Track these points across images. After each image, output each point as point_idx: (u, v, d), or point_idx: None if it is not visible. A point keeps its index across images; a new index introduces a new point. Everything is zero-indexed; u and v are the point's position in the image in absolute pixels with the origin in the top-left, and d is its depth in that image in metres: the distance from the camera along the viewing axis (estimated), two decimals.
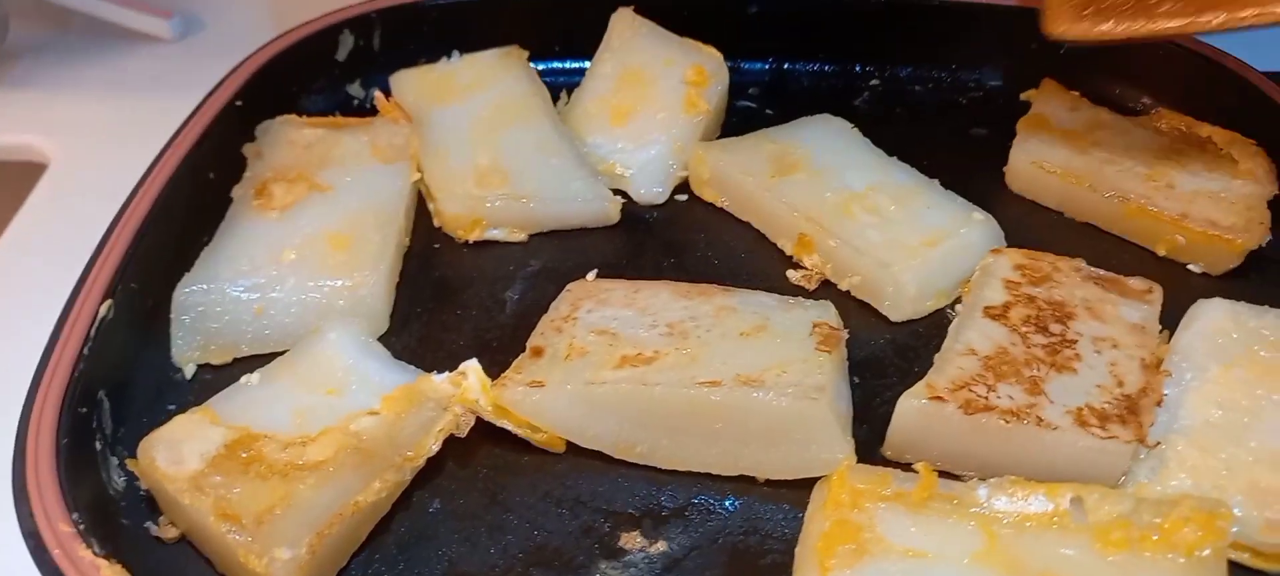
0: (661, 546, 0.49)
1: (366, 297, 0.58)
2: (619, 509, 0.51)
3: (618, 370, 0.51)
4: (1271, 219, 0.63)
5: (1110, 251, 0.65)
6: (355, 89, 0.75)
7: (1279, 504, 0.49)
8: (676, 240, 0.66)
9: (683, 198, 0.70)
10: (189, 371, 0.57)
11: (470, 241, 0.66)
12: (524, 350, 0.55)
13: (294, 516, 0.45)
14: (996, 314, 0.57)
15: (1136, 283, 0.60)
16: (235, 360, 0.57)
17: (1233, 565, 0.47)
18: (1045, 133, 0.69)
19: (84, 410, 0.48)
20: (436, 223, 0.67)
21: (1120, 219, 0.66)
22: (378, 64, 0.75)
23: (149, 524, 0.49)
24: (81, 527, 0.42)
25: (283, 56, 0.71)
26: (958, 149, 0.73)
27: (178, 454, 0.47)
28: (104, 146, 0.97)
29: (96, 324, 0.51)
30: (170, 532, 0.48)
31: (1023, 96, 0.74)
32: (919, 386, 0.52)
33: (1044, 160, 0.68)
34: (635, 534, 0.50)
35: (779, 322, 0.54)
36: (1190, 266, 0.64)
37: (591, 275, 0.60)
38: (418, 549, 0.49)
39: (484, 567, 0.48)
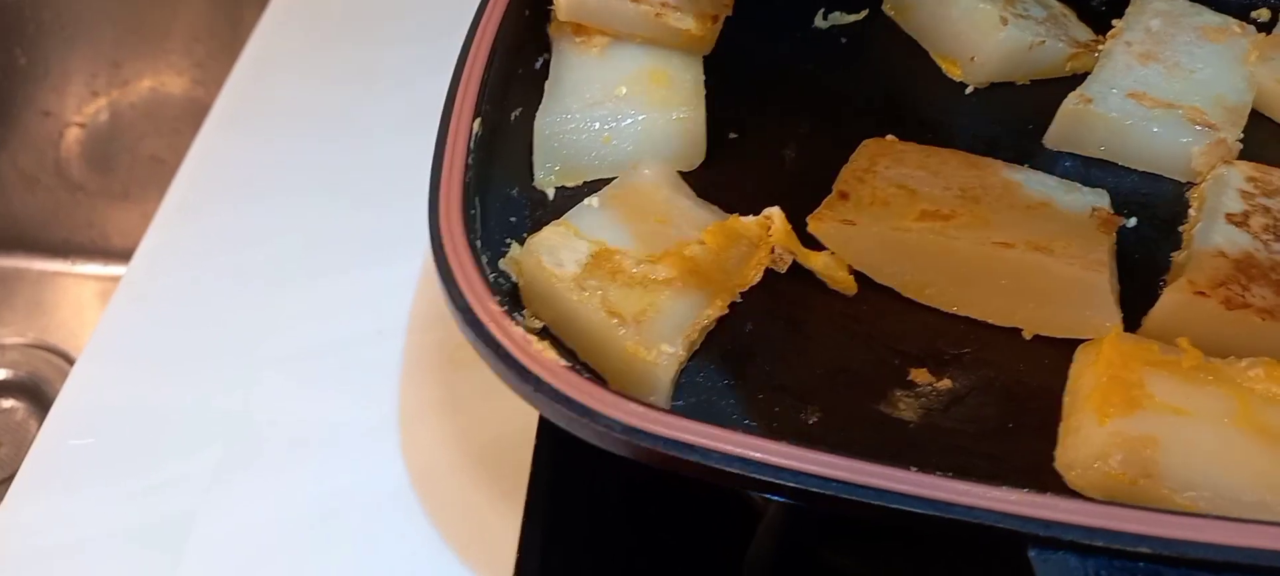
0: (946, 382, 0.57)
1: (692, 129, 0.65)
2: (904, 348, 0.59)
3: (919, 221, 0.59)
4: None
5: None
6: None
7: None
8: None
9: None
10: (550, 192, 0.64)
11: None
12: (802, 199, 0.62)
13: (664, 320, 0.54)
14: (1238, 221, 0.62)
15: None
16: (584, 183, 0.64)
17: None
18: None
19: (472, 213, 0.57)
20: None
21: None
22: None
23: (516, 315, 0.57)
24: (506, 307, 0.51)
25: None
26: None
27: (557, 258, 0.56)
28: None
29: (473, 138, 0.58)
30: (535, 324, 0.57)
31: (1257, 15, 0.77)
32: (1181, 282, 0.58)
33: None
34: (923, 370, 0.58)
35: (1062, 201, 0.61)
36: None
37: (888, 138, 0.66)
38: (739, 361, 0.57)
39: (797, 381, 0.57)
